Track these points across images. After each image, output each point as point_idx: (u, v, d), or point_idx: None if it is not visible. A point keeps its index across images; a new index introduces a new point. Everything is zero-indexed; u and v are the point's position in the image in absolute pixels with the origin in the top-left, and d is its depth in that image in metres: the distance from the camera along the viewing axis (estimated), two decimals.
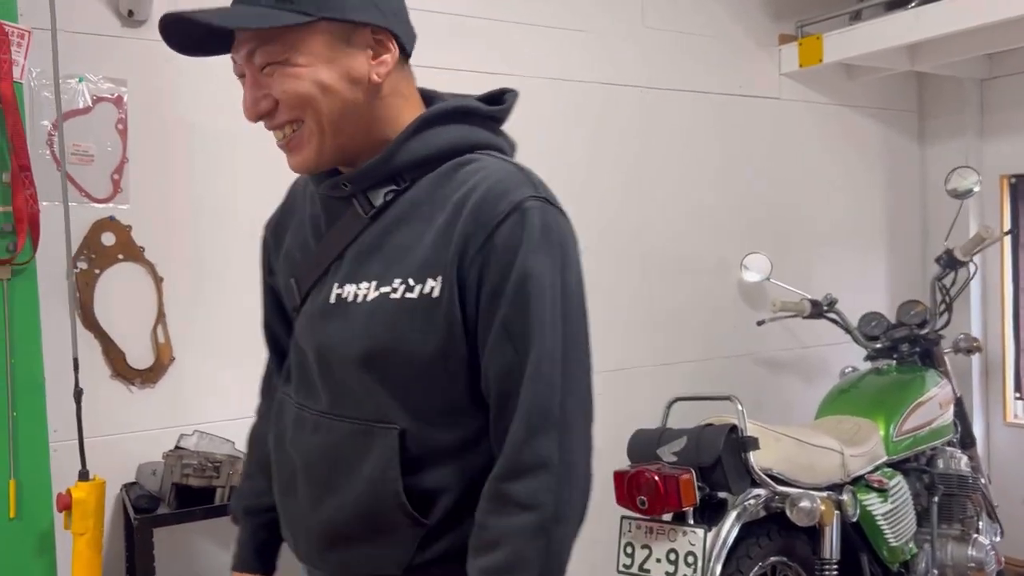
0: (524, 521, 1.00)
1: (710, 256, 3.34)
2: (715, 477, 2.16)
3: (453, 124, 1.13)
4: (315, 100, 1.06)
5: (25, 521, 1.94)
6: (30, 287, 1.95)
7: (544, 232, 1.04)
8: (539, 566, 1.00)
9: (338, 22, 1.06)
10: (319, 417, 1.14)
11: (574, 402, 1.05)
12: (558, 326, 1.04)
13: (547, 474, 1.01)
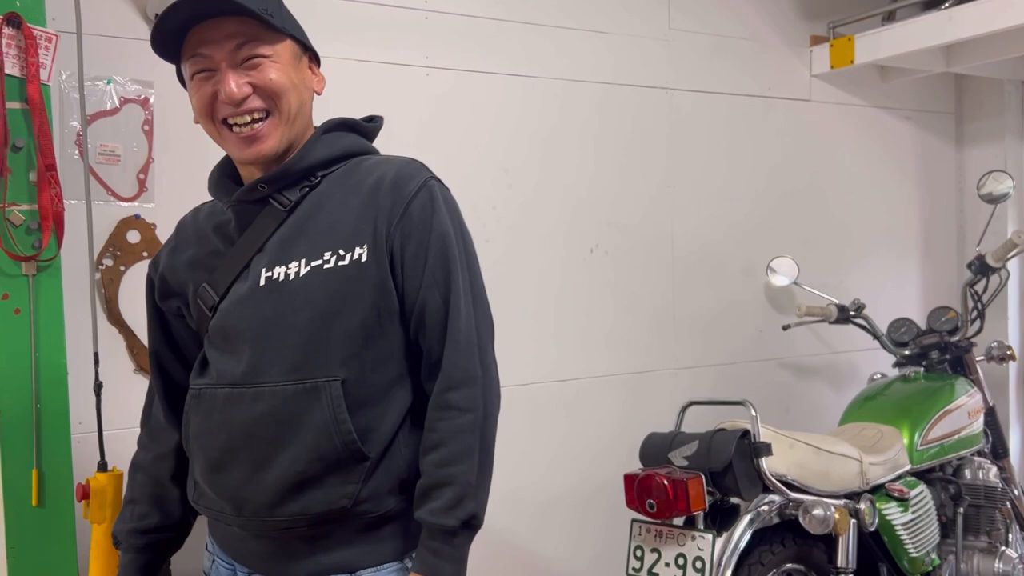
0: (463, 421, 1.27)
1: (737, 259, 3.31)
2: (726, 482, 2.14)
3: (347, 132, 1.41)
4: (288, 92, 1.31)
5: (48, 509, 2.01)
6: (55, 283, 2.01)
7: (446, 203, 1.34)
8: (478, 453, 1.27)
9: (297, 43, 1.36)
10: (259, 388, 1.28)
11: (485, 328, 1.33)
12: (466, 269, 1.32)
13: (476, 384, 1.28)
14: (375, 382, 1.30)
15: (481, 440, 1.28)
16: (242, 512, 1.31)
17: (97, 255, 2.26)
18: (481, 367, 1.30)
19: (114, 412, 2.23)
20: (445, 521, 1.24)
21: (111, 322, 2.29)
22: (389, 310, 1.30)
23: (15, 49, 1.94)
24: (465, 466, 1.26)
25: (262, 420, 1.27)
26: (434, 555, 1.25)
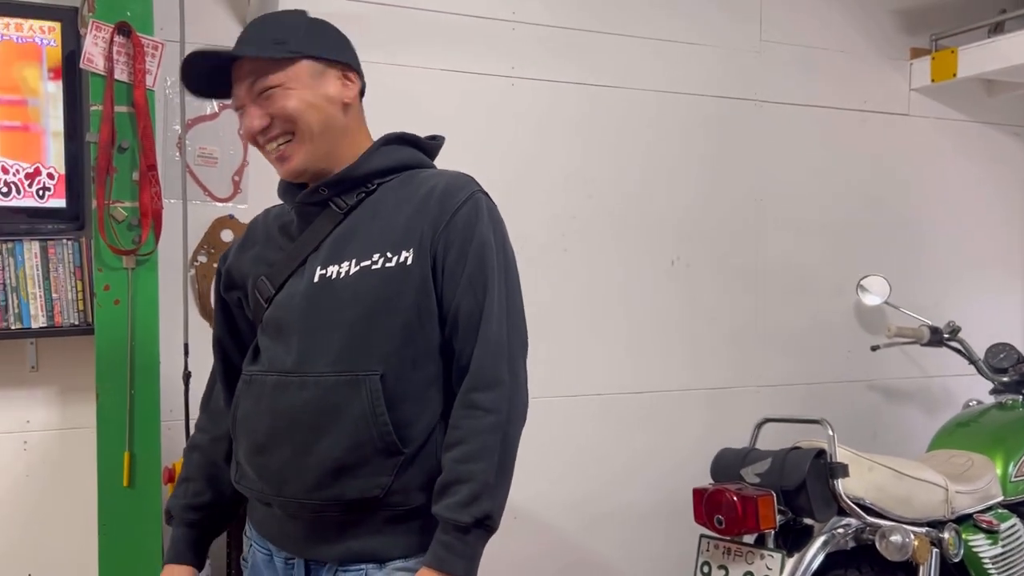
0: (487, 421, 1.30)
1: (826, 276, 3.23)
2: (799, 502, 2.09)
3: (405, 146, 1.47)
4: (304, 114, 1.37)
5: (137, 491, 2.12)
6: (151, 277, 2.13)
7: (490, 215, 1.39)
8: (499, 455, 1.30)
9: (316, 59, 1.39)
10: (305, 377, 1.35)
11: (516, 338, 1.38)
12: (503, 280, 1.37)
13: (503, 388, 1.32)
14: (414, 379, 1.34)
15: (503, 442, 1.30)
16: (281, 493, 1.36)
17: (192, 252, 2.38)
18: (509, 373, 1.33)
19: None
20: (459, 517, 1.26)
21: (202, 316, 2.41)
22: (429, 312, 1.35)
23: (124, 56, 2.07)
24: (484, 464, 1.28)
25: (306, 408, 1.33)
26: (446, 549, 1.27)
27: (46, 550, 2.30)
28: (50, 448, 2.30)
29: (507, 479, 1.32)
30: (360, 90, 1.46)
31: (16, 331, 2.11)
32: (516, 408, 1.33)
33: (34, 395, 2.28)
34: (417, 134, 1.50)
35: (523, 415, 1.36)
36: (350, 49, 1.46)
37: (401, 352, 1.34)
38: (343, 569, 1.35)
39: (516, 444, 1.34)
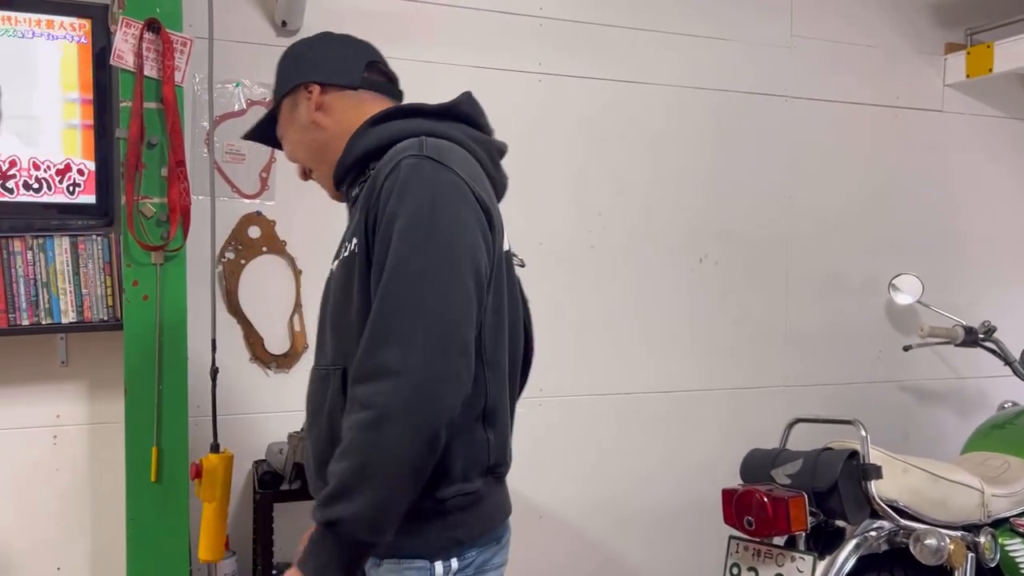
0: (360, 417, 1.15)
1: (857, 274, 3.18)
2: (831, 504, 2.05)
3: (396, 120, 1.36)
4: (296, 151, 1.47)
5: (164, 485, 2.13)
6: (179, 272, 2.14)
7: (412, 180, 1.22)
8: (364, 454, 1.14)
9: (285, 96, 1.46)
10: (314, 369, 1.37)
11: (421, 319, 1.16)
12: (416, 255, 1.18)
13: (384, 380, 1.14)
14: None
15: (372, 440, 1.13)
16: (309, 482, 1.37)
17: (220, 248, 2.39)
18: (402, 362, 1.13)
19: (228, 398, 2.36)
20: (314, 515, 1.18)
21: (230, 312, 2.41)
22: None
23: (153, 53, 2.08)
24: (345, 464, 1.14)
25: (310, 399, 1.35)
26: (308, 546, 1.19)
27: (75, 544, 2.32)
28: (79, 442, 2.31)
29: (375, 488, 1.13)
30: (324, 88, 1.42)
31: (47, 326, 2.12)
32: (401, 405, 1.13)
33: (64, 390, 2.29)
34: (412, 104, 1.40)
35: (416, 412, 1.13)
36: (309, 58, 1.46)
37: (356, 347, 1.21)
38: None
39: (398, 446, 1.13)
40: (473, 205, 1.25)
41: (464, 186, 1.25)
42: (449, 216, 1.21)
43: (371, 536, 1.15)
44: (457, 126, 1.36)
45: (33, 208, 2.12)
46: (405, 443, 1.13)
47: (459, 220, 1.22)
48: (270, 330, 2.47)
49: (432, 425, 1.14)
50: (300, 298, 2.49)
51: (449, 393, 1.16)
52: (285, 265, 2.48)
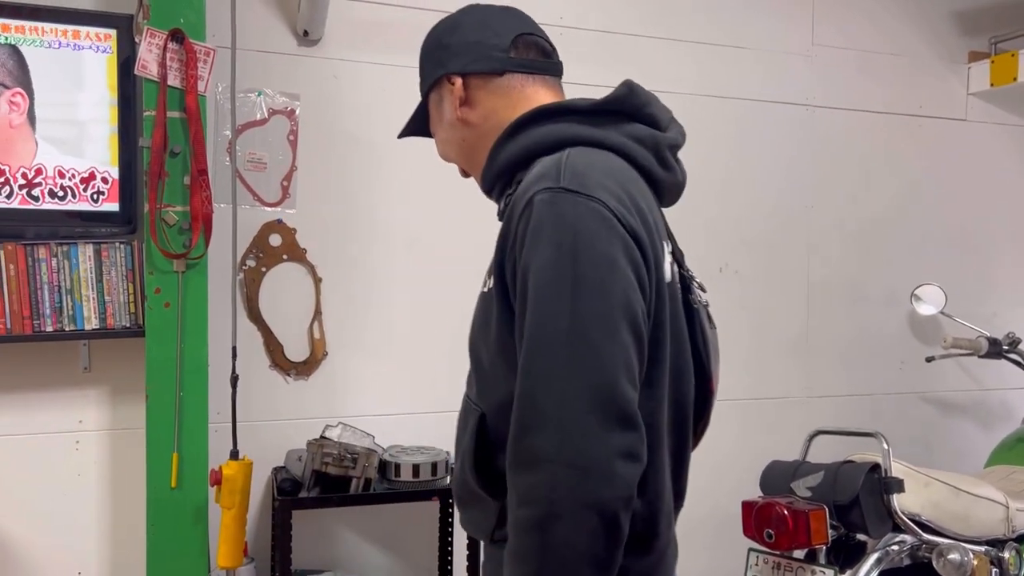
0: (521, 516, 0.98)
1: (879, 285, 3.15)
2: (852, 517, 2.03)
3: (545, 123, 1.16)
4: (448, 149, 1.31)
5: (184, 491, 2.14)
6: (201, 280, 2.15)
7: (546, 222, 1.02)
8: (536, 561, 0.96)
9: (430, 91, 1.30)
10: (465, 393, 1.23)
11: (572, 393, 0.97)
12: (557, 315, 0.99)
13: (540, 471, 0.96)
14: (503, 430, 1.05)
15: (543, 545, 0.96)
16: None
17: (241, 256, 2.40)
18: (555, 447, 0.96)
19: (248, 405, 2.37)
20: None
21: (250, 319, 2.43)
22: (512, 351, 1.06)
23: (177, 63, 2.10)
24: (519, 571, 0.98)
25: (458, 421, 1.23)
26: None
27: (96, 548, 2.34)
28: (101, 448, 2.33)
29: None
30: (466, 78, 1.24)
31: (70, 332, 2.14)
32: (565, 499, 0.95)
33: (86, 395, 2.31)
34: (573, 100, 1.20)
35: (588, 508, 0.95)
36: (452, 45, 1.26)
37: (497, 390, 1.10)
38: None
39: (577, 549, 0.95)
40: (623, 238, 1.03)
41: (610, 216, 1.03)
42: (594, 260, 1.01)
43: None
44: (616, 126, 1.16)
45: (58, 216, 2.14)
46: (580, 543, 0.95)
47: (607, 262, 1.01)
48: (290, 337, 2.48)
49: (605, 514, 0.96)
50: (320, 305, 2.50)
51: (619, 473, 0.97)
52: (305, 273, 2.50)
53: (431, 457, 2.33)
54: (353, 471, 2.22)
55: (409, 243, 2.59)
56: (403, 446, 2.46)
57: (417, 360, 2.59)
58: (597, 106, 1.18)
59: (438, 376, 2.61)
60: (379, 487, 2.27)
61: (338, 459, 2.21)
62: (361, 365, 2.54)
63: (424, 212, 2.60)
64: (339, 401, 2.52)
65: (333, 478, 2.22)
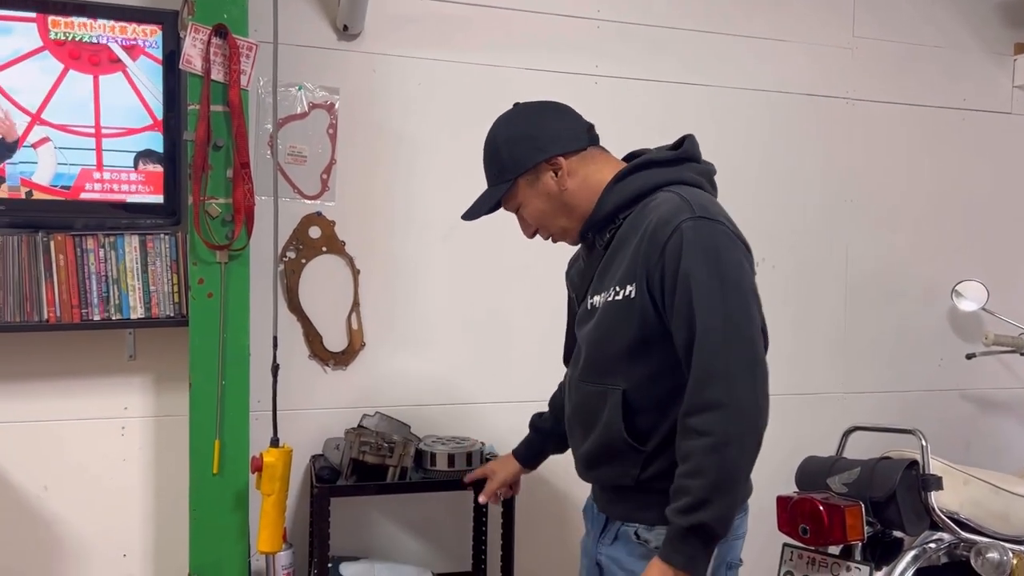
0: (701, 443, 1.42)
1: (919, 281, 3.12)
2: (888, 514, 2.02)
3: (637, 173, 1.61)
4: (544, 219, 1.69)
5: (225, 478, 2.19)
6: (243, 271, 2.20)
7: (697, 242, 1.46)
8: (714, 472, 1.41)
9: (524, 174, 1.65)
10: (579, 383, 1.67)
11: (736, 361, 1.43)
12: (717, 308, 1.44)
13: (716, 412, 1.42)
14: (653, 393, 1.54)
15: (719, 462, 1.41)
16: (578, 467, 1.73)
17: (281, 248, 2.44)
18: (726, 395, 1.42)
19: (287, 394, 2.41)
20: (677, 521, 1.44)
21: (290, 310, 2.47)
22: (656, 338, 1.52)
23: (220, 57, 2.14)
24: (699, 482, 1.42)
25: (578, 409, 1.67)
26: (670, 544, 1.46)
27: (140, 531, 2.40)
28: (146, 434, 2.39)
29: (726, 494, 1.43)
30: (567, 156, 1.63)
31: (116, 321, 2.20)
32: (734, 429, 1.42)
33: (131, 383, 2.37)
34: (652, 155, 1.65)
35: (747, 435, 1.43)
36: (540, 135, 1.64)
37: (637, 371, 1.54)
38: (625, 524, 1.63)
39: (739, 462, 1.43)
40: (743, 249, 1.52)
41: (732, 235, 1.51)
42: (733, 265, 1.47)
43: (724, 531, 1.46)
44: (688, 167, 1.63)
45: (105, 207, 2.19)
46: (743, 459, 1.44)
47: (741, 266, 1.49)
48: (329, 328, 2.52)
49: (759, 439, 1.45)
50: (358, 297, 2.54)
51: (766, 410, 1.46)
52: (344, 265, 2.53)
53: (466, 447, 2.36)
54: (390, 460, 2.25)
55: (446, 236, 2.61)
56: (438, 436, 2.49)
57: (453, 352, 2.62)
58: (672, 157, 1.63)
59: (474, 368, 2.63)
60: (415, 476, 2.30)
61: (375, 448, 2.24)
62: (398, 356, 2.57)
63: (461, 206, 2.60)
64: (376, 391, 2.55)
65: (370, 466, 2.25)
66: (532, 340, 2.65)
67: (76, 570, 2.35)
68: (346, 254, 2.53)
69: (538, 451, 2.04)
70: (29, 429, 2.31)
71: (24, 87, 2.13)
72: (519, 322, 2.67)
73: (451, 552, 2.63)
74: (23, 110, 2.13)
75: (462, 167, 2.63)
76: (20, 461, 2.30)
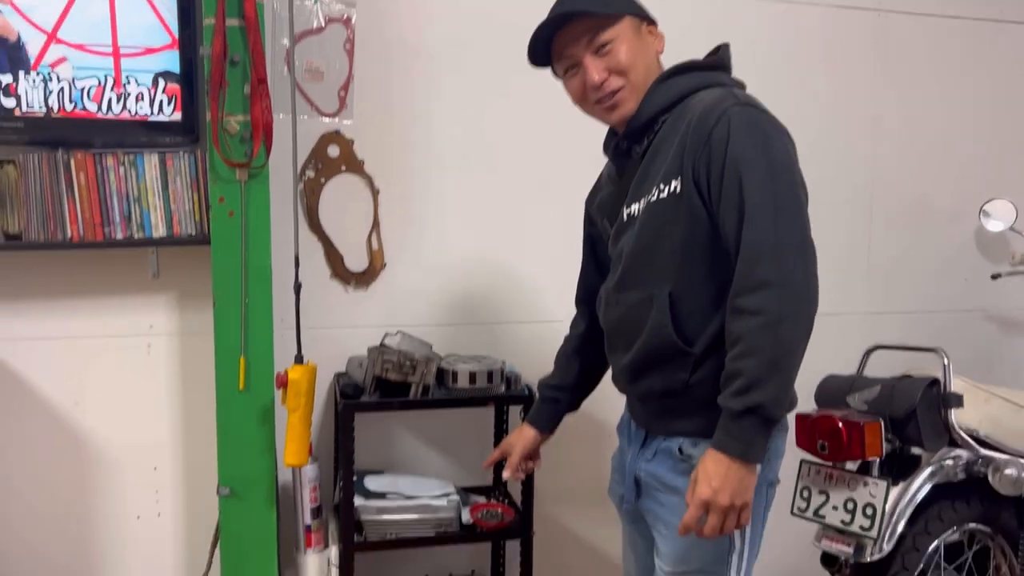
0: (753, 322, 1.40)
1: (946, 199, 3.06)
2: (908, 431, 2.03)
3: (679, 75, 1.60)
4: (635, 65, 1.59)
5: (252, 394, 2.23)
6: (263, 189, 2.19)
7: (744, 127, 1.45)
8: (769, 350, 1.39)
9: (633, 16, 1.61)
10: (619, 296, 1.65)
11: (786, 238, 1.41)
12: (767, 188, 1.42)
13: (767, 290, 1.39)
14: (701, 294, 1.53)
15: (773, 340, 1.39)
16: (620, 382, 1.73)
17: (300, 166, 2.43)
18: (777, 273, 1.40)
19: (309, 313, 2.43)
20: (732, 405, 1.42)
21: (311, 229, 2.47)
22: (704, 234, 1.50)
23: None
24: (753, 361, 1.39)
25: (621, 320, 1.65)
26: (724, 433, 1.44)
27: (169, 446, 2.46)
28: (172, 351, 2.43)
29: (781, 374, 1.41)
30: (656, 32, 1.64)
31: (139, 240, 2.21)
32: (788, 306, 1.39)
33: (156, 301, 2.40)
34: (695, 59, 1.64)
35: (799, 312, 1.41)
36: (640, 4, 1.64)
37: (683, 272, 1.53)
38: (667, 439, 1.63)
39: (793, 340, 1.40)
40: (789, 136, 1.50)
41: (775, 119, 1.50)
42: (781, 149, 1.46)
43: (781, 413, 1.46)
44: (724, 74, 1.63)
45: (124, 126, 2.18)
46: (796, 338, 1.41)
47: (788, 151, 1.48)
48: (349, 248, 2.52)
49: (811, 318, 1.43)
50: (377, 217, 2.53)
51: (816, 290, 1.44)
52: (363, 184, 2.52)
53: (487, 365, 2.38)
54: (412, 377, 2.28)
55: (465, 155, 2.59)
56: (459, 355, 2.51)
57: (472, 272, 2.62)
58: (711, 63, 1.64)
59: (493, 288, 2.64)
60: (437, 393, 2.34)
61: (398, 365, 2.27)
62: (418, 276, 2.58)
63: (482, 125, 2.59)
64: (397, 311, 2.57)
65: (393, 383, 2.28)
66: (550, 260, 2.64)
67: (109, 482, 2.42)
68: (365, 173, 2.51)
69: (552, 414, 1.95)
70: (59, 346, 2.35)
71: (39, 4, 2.10)
72: (538, 241, 2.66)
73: (473, 468, 2.68)
74: (38, 28, 2.10)
75: (482, 86, 2.59)
76: (51, 378, 2.35)
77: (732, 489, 1.43)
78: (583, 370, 1.89)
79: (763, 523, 1.64)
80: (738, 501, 1.44)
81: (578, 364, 1.89)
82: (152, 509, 2.45)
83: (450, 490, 2.43)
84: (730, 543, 1.58)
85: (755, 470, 1.46)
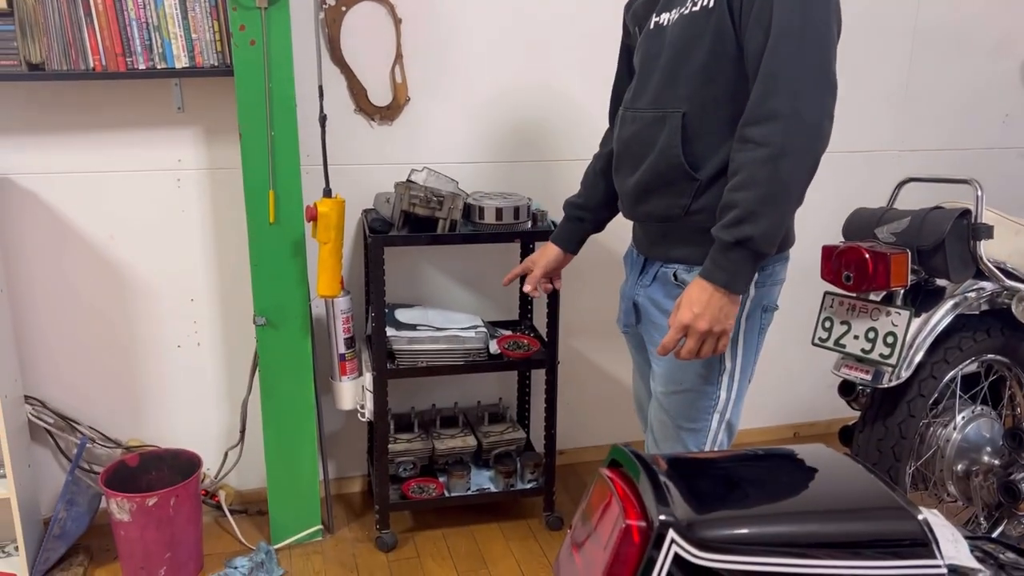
0: (757, 154, 1.40)
1: (989, 33, 2.93)
2: (935, 262, 2.02)
3: None
4: None
5: (282, 226, 2.26)
6: (283, 17, 2.13)
7: None
8: (766, 185, 1.40)
9: None
10: (635, 113, 1.63)
11: (807, 72, 1.38)
12: (797, 13, 1.38)
13: (777, 122, 1.38)
14: (714, 118, 1.51)
15: (772, 173, 1.39)
16: (624, 205, 1.73)
17: None
18: (789, 106, 1.37)
19: (335, 148, 2.43)
20: (723, 236, 1.44)
21: (333, 62, 2.42)
22: (726, 54, 1.48)
23: None
24: (749, 193, 1.41)
25: (633, 139, 1.63)
26: (712, 262, 1.48)
27: (204, 277, 2.52)
28: (201, 186, 2.44)
29: (776, 209, 1.41)
30: None
31: (161, 71, 2.18)
32: (793, 141, 1.38)
33: (183, 136, 2.39)
34: None
35: (805, 149, 1.40)
36: None
37: (702, 92, 1.51)
38: (664, 265, 1.66)
39: (792, 177, 1.40)
40: None
41: None
42: None
43: (770, 248, 1.45)
44: None
45: None
46: (798, 174, 1.41)
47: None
48: (372, 81, 2.47)
49: (816, 158, 1.42)
50: (400, 48, 2.47)
51: (828, 130, 1.41)
52: (385, 13, 2.44)
53: (513, 202, 2.38)
54: (439, 212, 2.29)
55: None
56: (485, 191, 2.51)
57: (497, 108, 2.57)
58: None
59: (518, 124, 2.60)
60: (464, 229, 2.35)
61: (425, 201, 2.28)
62: (443, 111, 2.54)
63: None
64: (422, 146, 2.55)
65: (420, 219, 2.30)
66: (579, 94, 2.59)
67: (148, 313, 2.50)
68: (387, 2, 2.43)
69: (576, 233, 1.92)
70: (90, 180, 2.37)
71: None
72: (563, 75, 2.59)
73: (499, 303, 2.73)
74: None
75: None
76: (85, 211, 2.38)
77: (712, 316, 1.46)
78: (609, 190, 1.84)
79: (758, 347, 1.67)
80: (716, 328, 1.47)
81: (604, 184, 1.86)
82: (192, 339, 2.54)
83: (478, 323, 2.49)
84: (720, 364, 1.63)
85: (737, 300, 1.49)
